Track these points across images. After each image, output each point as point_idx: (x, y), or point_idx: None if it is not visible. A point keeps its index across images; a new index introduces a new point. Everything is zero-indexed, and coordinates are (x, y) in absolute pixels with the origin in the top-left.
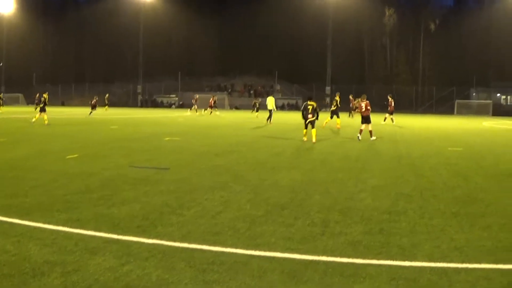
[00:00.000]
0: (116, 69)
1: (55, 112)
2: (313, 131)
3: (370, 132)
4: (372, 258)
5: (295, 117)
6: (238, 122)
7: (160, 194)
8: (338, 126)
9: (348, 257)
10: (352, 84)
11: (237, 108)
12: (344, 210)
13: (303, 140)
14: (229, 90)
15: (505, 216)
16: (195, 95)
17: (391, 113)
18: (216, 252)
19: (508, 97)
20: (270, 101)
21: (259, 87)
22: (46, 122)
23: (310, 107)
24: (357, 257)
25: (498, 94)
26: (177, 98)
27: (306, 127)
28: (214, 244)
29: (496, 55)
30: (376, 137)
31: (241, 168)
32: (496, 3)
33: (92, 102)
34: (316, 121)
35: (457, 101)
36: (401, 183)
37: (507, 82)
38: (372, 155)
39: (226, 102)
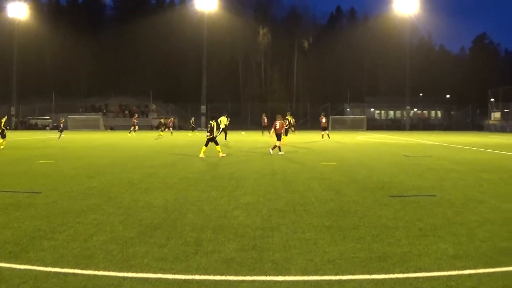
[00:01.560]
0: None
1: None
2: (217, 147)
3: (279, 147)
4: (245, 275)
5: (177, 136)
6: (122, 143)
7: (32, 219)
8: (284, 142)
9: (222, 274)
10: (227, 102)
11: (112, 128)
12: (218, 228)
13: (200, 157)
14: (104, 111)
15: (378, 227)
16: (135, 114)
17: (324, 130)
18: (89, 275)
19: (382, 111)
20: (222, 121)
21: (134, 107)
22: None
23: (209, 126)
24: (230, 274)
25: (372, 109)
26: (51, 120)
27: (205, 145)
28: (87, 267)
29: (369, 71)
30: (283, 153)
31: (114, 189)
32: (368, 22)
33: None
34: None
35: (331, 116)
36: (274, 199)
37: (380, 97)
38: (246, 172)
39: (101, 122)
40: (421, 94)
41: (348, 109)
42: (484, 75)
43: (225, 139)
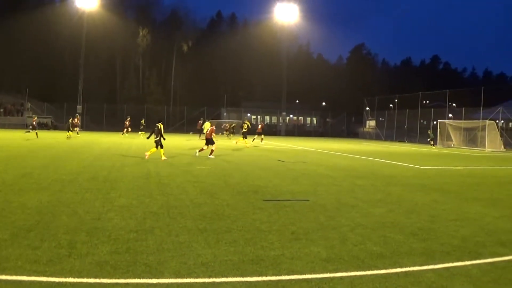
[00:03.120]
0: None
1: None
2: (161, 150)
3: (212, 151)
4: (119, 278)
5: (50, 135)
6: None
7: None
8: (238, 143)
9: (95, 277)
10: (103, 103)
11: None
12: (91, 230)
13: (144, 157)
14: None
15: (251, 230)
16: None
17: (260, 134)
18: None
19: (258, 116)
20: (206, 126)
21: (9, 105)
22: None
23: (156, 128)
24: (104, 277)
25: (248, 114)
26: None
27: (156, 147)
28: None
29: (247, 76)
30: (214, 156)
31: None
32: (248, 28)
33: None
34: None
35: (210, 120)
36: (149, 202)
37: (256, 102)
38: (121, 175)
39: None
40: (297, 101)
41: (225, 113)
42: (360, 84)
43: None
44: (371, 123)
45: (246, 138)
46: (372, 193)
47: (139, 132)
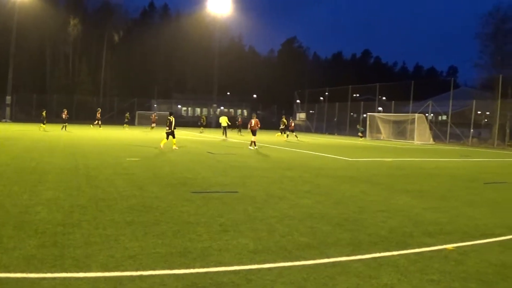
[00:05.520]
0: None
1: None
2: (173, 140)
3: (254, 142)
4: (46, 272)
5: None
6: None
7: None
8: (285, 139)
9: (22, 272)
10: (33, 93)
11: None
12: (18, 224)
13: (159, 148)
14: None
15: (179, 223)
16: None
17: (292, 131)
18: None
19: (189, 108)
20: (224, 120)
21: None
22: None
23: (167, 121)
24: (31, 271)
25: (179, 106)
26: None
27: (167, 138)
28: None
29: (178, 68)
30: (257, 147)
31: None
32: (180, 19)
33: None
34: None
35: (138, 112)
36: (77, 194)
37: (187, 94)
38: (49, 167)
39: None
40: (228, 93)
41: (155, 105)
42: (291, 77)
43: (225, 136)
44: (301, 115)
45: (282, 133)
46: (300, 185)
47: (124, 125)
